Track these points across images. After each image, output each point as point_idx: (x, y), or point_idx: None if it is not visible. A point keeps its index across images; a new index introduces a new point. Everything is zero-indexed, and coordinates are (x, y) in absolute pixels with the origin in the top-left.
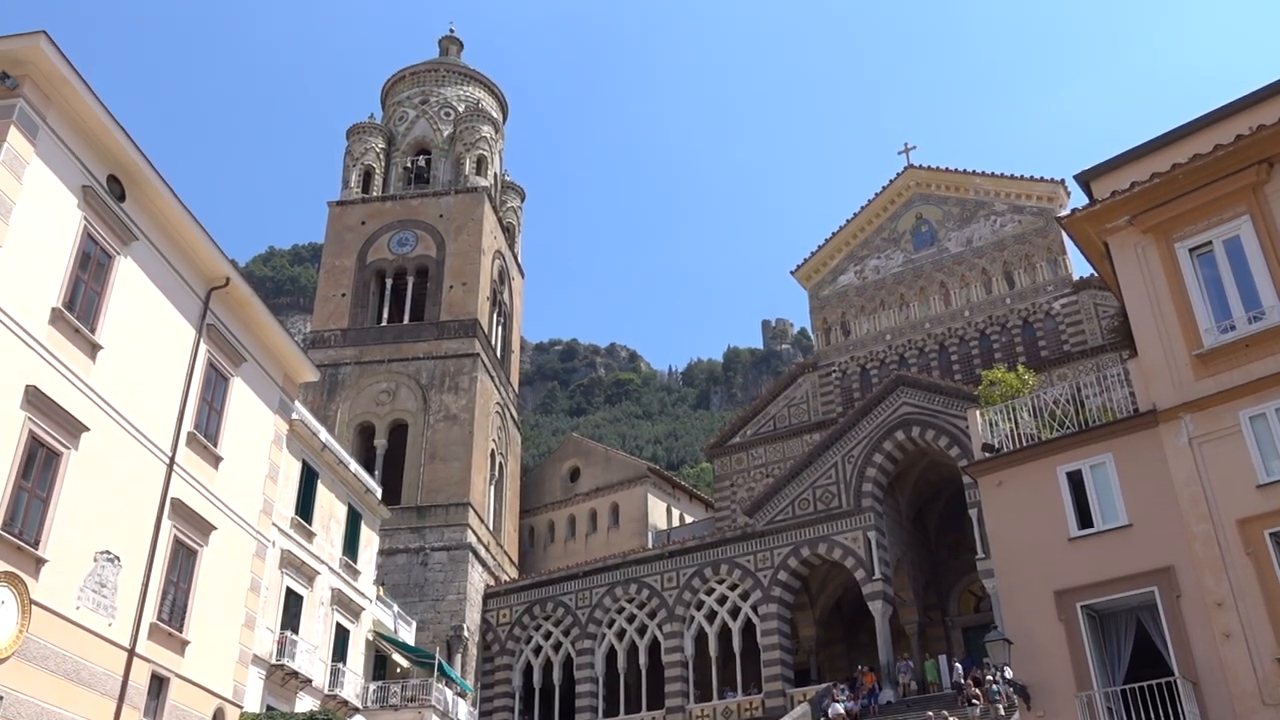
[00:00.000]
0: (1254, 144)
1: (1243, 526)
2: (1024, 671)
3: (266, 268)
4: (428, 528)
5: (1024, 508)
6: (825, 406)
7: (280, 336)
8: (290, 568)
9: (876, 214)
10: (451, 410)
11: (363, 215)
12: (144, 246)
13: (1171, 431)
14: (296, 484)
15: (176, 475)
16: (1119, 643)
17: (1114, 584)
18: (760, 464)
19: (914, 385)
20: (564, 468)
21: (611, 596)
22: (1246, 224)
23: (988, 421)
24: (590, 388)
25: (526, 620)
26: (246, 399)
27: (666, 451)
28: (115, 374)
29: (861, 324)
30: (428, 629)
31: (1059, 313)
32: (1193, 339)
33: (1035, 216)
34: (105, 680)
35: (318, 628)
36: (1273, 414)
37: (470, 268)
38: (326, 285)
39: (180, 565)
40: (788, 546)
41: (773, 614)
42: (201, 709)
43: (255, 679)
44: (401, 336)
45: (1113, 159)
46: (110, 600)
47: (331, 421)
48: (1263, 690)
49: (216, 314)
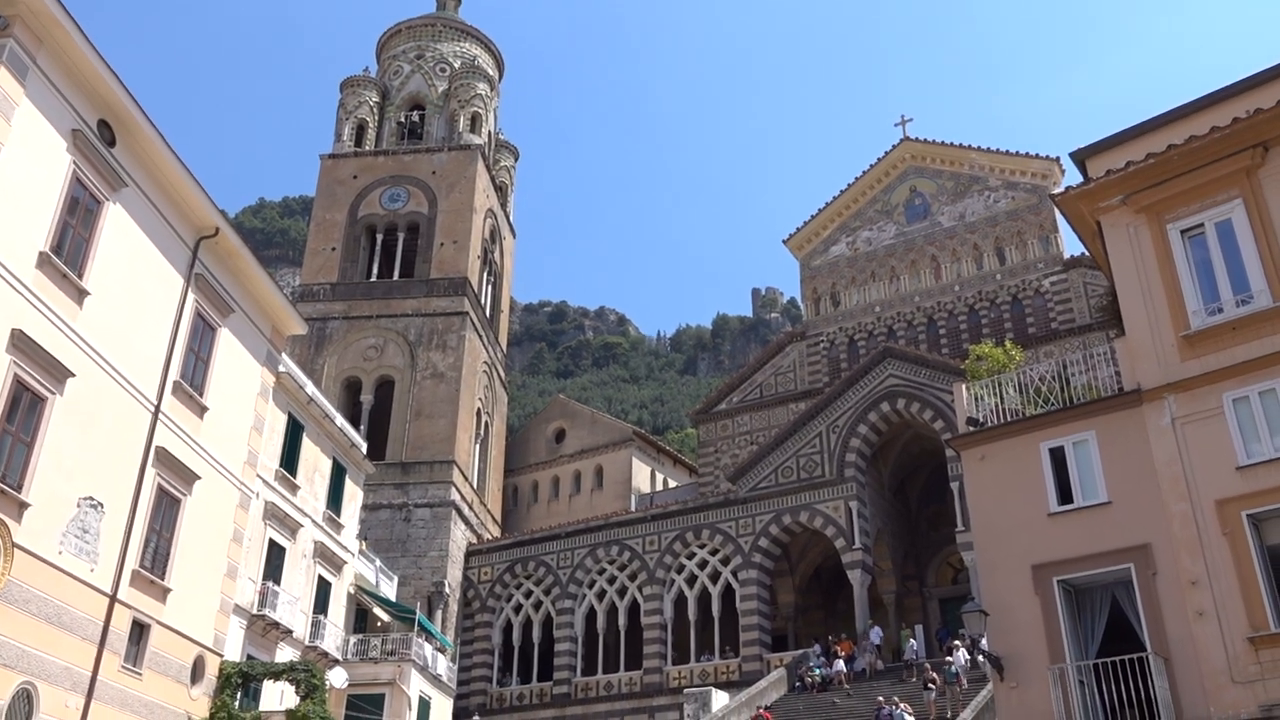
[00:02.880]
0: (1250, 127)
1: (1221, 507)
2: (999, 643)
3: (256, 219)
4: (412, 484)
5: (1006, 482)
6: (812, 376)
7: (269, 288)
8: (273, 519)
9: (870, 185)
10: (439, 368)
11: (355, 169)
12: (133, 193)
13: (1155, 411)
14: (282, 436)
15: (162, 424)
16: (1093, 618)
17: (1091, 560)
18: (745, 431)
19: (901, 358)
20: (550, 429)
21: (593, 558)
22: (1239, 207)
23: (973, 396)
24: (578, 350)
25: (508, 579)
26: (233, 350)
27: (652, 416)
28: (102, 320)
29: (851, 295)
30: (409, 584)
31: (1048, 290)
32: (1180, 320)
33: (1029, 193)
34: (86, 625)
35: (299, 580)
36: (1256, 397)
37: (461, 226)
38: (316, 239)
39: (163, 513)
40: (769, 514)
41: (752, 580)
42: (182, 656)
43: (236, 628)
44: (391, 292)
45: (1109, 138)
46: (93, 546)
47: (318, 376)
48: (1233, 668)
49: (205, 264)
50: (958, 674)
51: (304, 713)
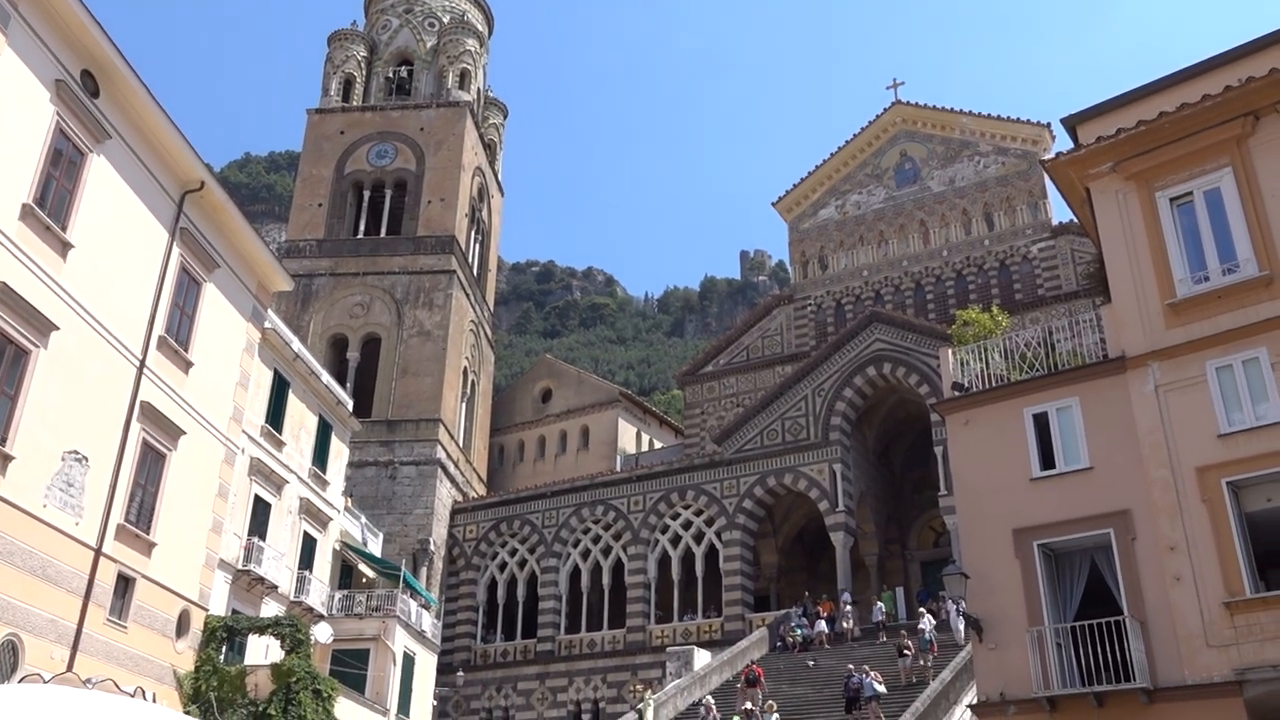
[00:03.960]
0: (1241, 96)
1: (1201, 474)
2: (979, 605)
3: (242, 174)
4: (398, 442)
5: (989, 447)
6: (799, 339)
7: (255, 244)
8: (259, 475)
9: (861, 149)
10: (425, 326)
11: (342, 125)
12: (117, 145)
13: (1139, 378)
14: (267, 393)
15: (146, 378)
16: (1072, 581)
17: (1072, 524)
18: (731, 393)
19: (888, 322)
20: (536, 388)
21: (578, 517)
22: (1228, 176)
23: (959, 361)
24: (565, 310)
25: (493, 537)
26: (219, 305)
27: (639, 377)
28: (86, 274)
29: (840, 259)
30: (394, 541)
31: (1036, 257)
32: (1166, 288)
33: (1019, 159)
34: (72, 578)
35: (285, 536)
36: (1239, 365)
37: (449, 183)
38: (303, 194)
39: (148, 468)
40: (754, 475)
41: (736, 541)
42: (167, 610)
43: (221, 583)
44: (377, 249)
45: (1100, 104)
46: (78, 500)
47: (304, 332)
48: (1207, 633)
49: (190, 218)
50: (931, 641)
51: (289, 667)
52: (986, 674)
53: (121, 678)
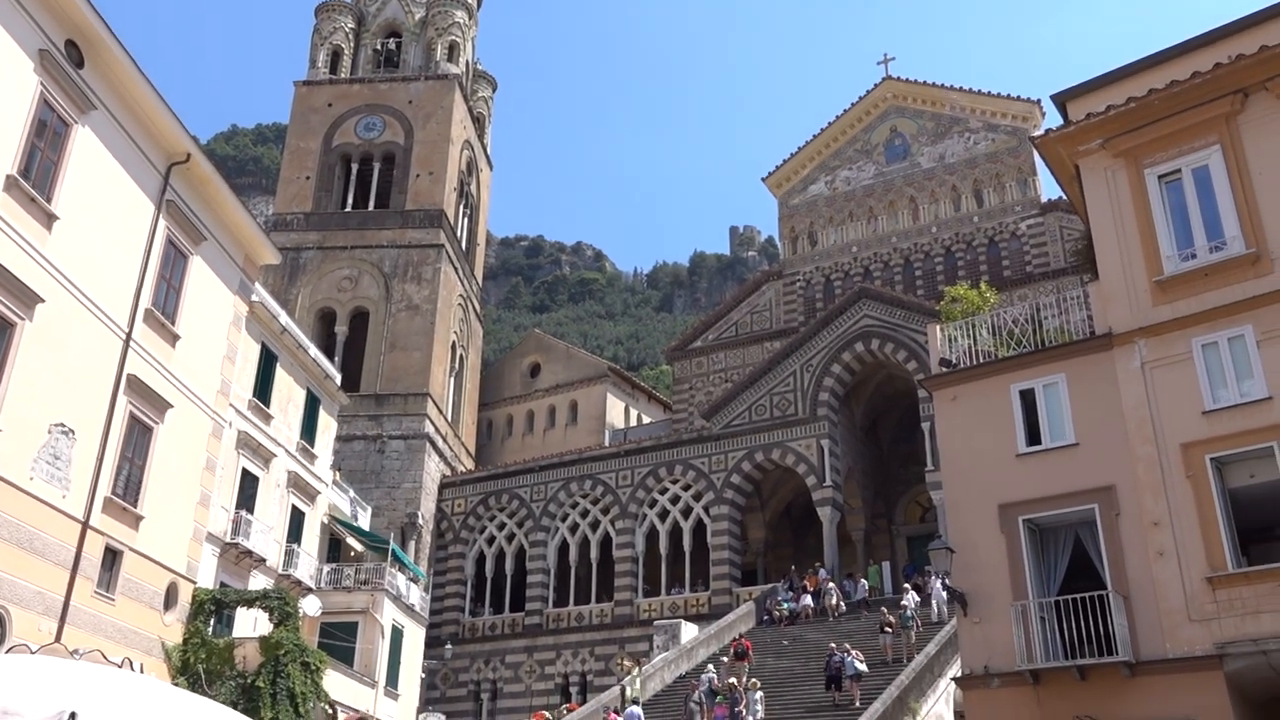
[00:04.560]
0: (1231, 73)
1: (1185, 451)
2: (964, 579)
3: (229, 146)
4: (386, 416)
5: (976, 423)
6: (788, 315)
7: (242, 216)
8: (246, 449)
9: (851, 124)
10: (414, 300)
11: (329, 97)
12: (103, 116)
13: (1125, 355)
14: (255, 366)
15: (133, 352)
16: (1056, 556)
17: (1057, 500)
18: (720, 369)
19: (876, 298)
20: (525, 363)
21: (566, 491)
22: (1216, 154)
23: (947, 337)
24: (554, 285)
25: (481, 511)
26: (206, 278)
27: (628, 352)
28: (72, 246)
29: (829, 234)
30: (383, 515)
31: (1025, 234)
32: (1154, 265)
33: (1009, 136)
34: (59, 550)
35: (273, 509)
36: (1224, 343)
37: (438, 157)
38: (290, 167)
39: (135, 441)
40: (742, 451)
41: (724, 515)
42: (155, 583)
43: (209, 556)
44: (366, 223)
45: (1090, 81)
46: (64, 473)
47: (292, 306)
48: (1190, 607)
49: (177, 190)
50: (914, 618)
51: (277, 639)
52: (971, 647)
53: (109, 650)
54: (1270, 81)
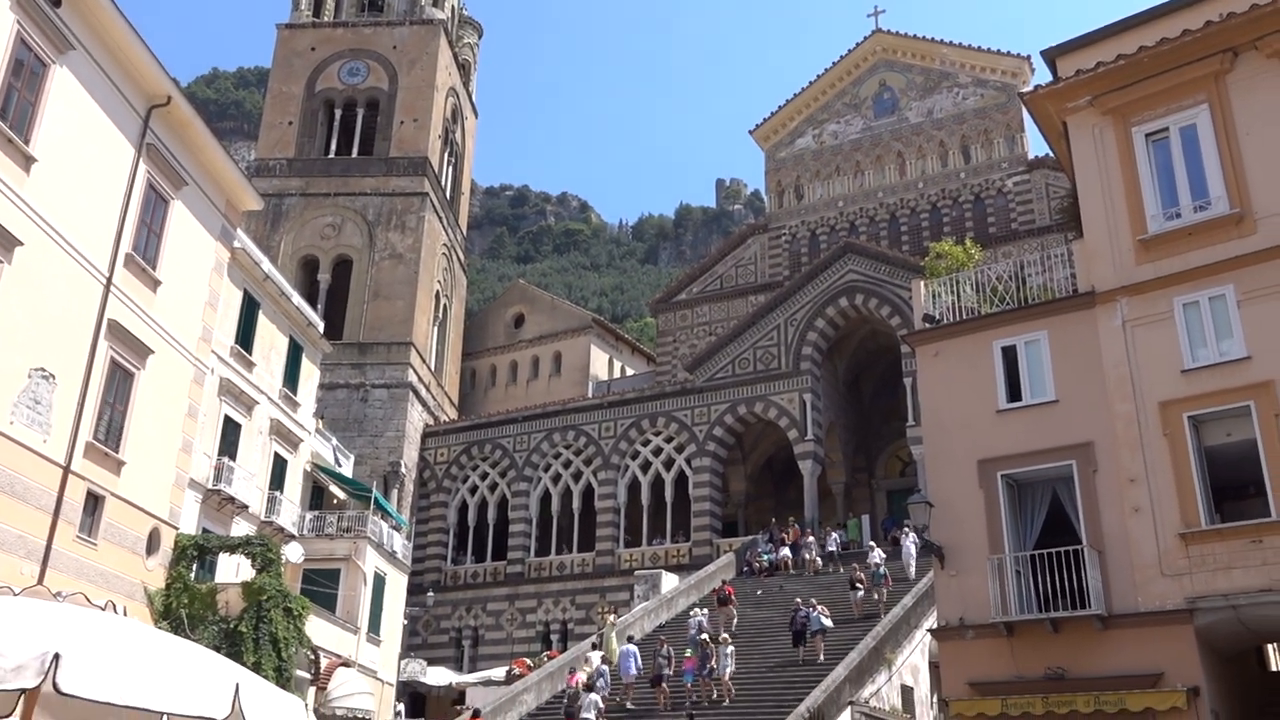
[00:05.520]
0: (1221, 31)
1: (1164, 409)
2: (942, 533)
3: (210, 90)
4: (369, 365)
5: (958, 379)
6: (773, 269)
7: (223, 161)
8: (229, 396)
9: (840, 77)
10: (397, 249)
11: (313, 41)
12: (81, 57)
13: (1107, 313)
14: (237, 313)
15: (113, 296)
16: (1033, 511)
17: (1035, 456)
18: (704, 322)
19: (861, 253)
20: (509, 313)
21: (549, 442)
22: (1204, 113)
23: (931, 293)
24: (539, 235)
25: (464, 460)
26: (187, 223)
27: (612, 304)
28: (51, 189)
29: (815, 188)
30: (366, 464)
31: (1011, 190)
32: (1138, 224)
33: (998, 91)
34: (40, 495)
35: (255, 456)
36: (1205, 302)
37: (422, 104)
38: (273, 112)
39: (117, 387)
40: (725, 404)
41: (705, 468)
42: (137, 528)
43: (192, 502)
44: (349, 170)
45: (1081, 37)
46: (45, 417)
47: (275, 253)
48: (1163, 562)
49: (157, 133)
50: (885, 575)
51: (260, 585)
52: (947, 600)
53: (92, 593)
54: (1260, 40)
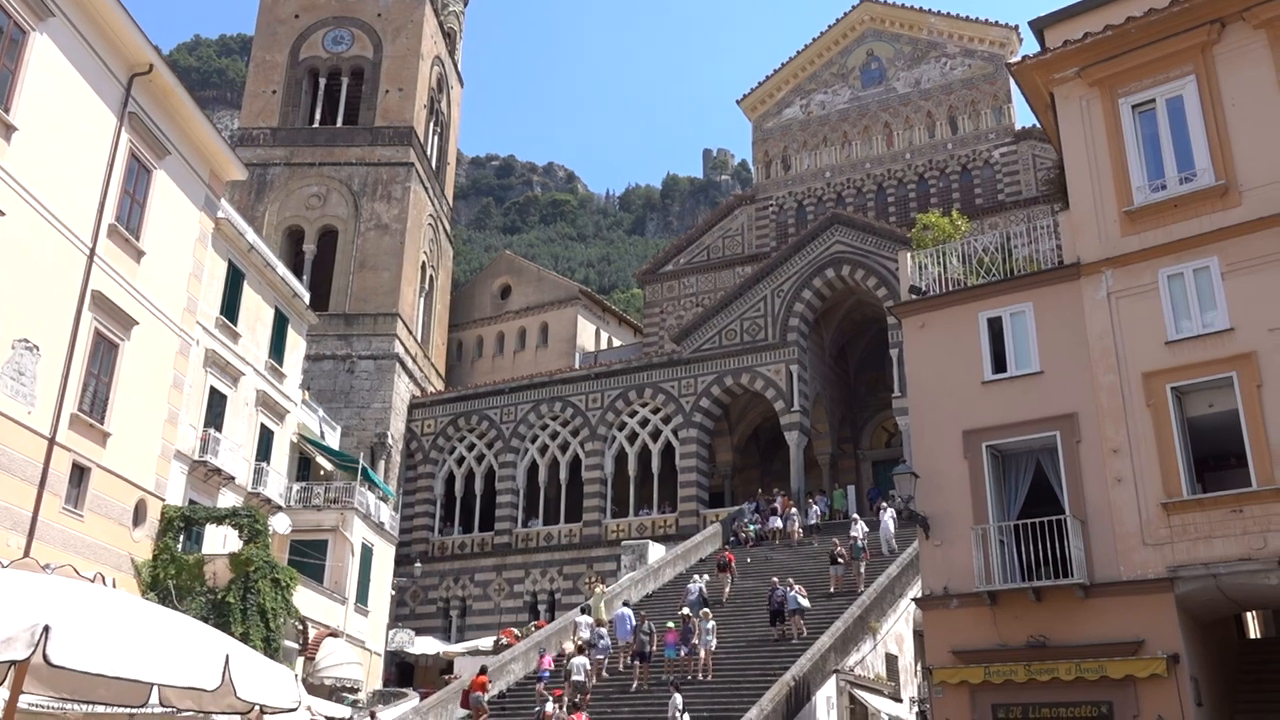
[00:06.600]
0: (1208, 2)
1: (1147, 380)
2: (927, 503)
3: (192, 57)
4: (355, 336)
5: (943, 350)
6: (760, 240)
7: (206, 130)
8: (214, 367)
9: (828, 47)
10: (383, 219)
11: (296, 8)
12: (61, 24)
13: (1092, 285)
14: (222, 284)
15: (97, 267)
16: (1017, 481)
17: (1020, 426)
18: (691, 293)
19: (848, 224)
20: (495, 284)
21: (536, 413)
22: (1191, 84)
23: (917, 264)
24: (525, 206)
25: (451, 431)
26: (170, 193)
27: (599, 275)
28: (32, 158)
29: (803, 159)
30: (352, 435)
31: (998, 162)
32: (1124, 195)
33: (985, 62)
34: (25, 466)
35: (242, 427)
36: (1190, 274)
37: (408, 73)
38: (256, 81)
39: (101, 358)
40: (711, 375)
41: (692, 439)
42: (123, 499)
43: (178, 474)
44: (334, 140)
45: (1069, 7)
46: (29, 389)
47: (259, 223)
48: (1144, 531)
49: (139, 102)
50: (864, 549)
51: (247, 556)
52: (931, 569)
53: (79, 565)
54: (1247, 11)
